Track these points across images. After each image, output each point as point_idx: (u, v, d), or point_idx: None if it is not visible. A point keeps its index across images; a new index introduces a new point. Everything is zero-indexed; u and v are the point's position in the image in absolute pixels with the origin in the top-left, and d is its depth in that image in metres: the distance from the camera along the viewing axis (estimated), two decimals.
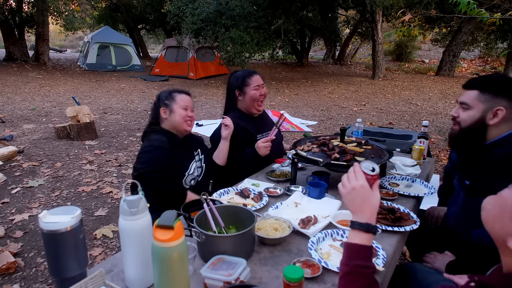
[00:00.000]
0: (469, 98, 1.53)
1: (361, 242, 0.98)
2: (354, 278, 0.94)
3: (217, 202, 1.54)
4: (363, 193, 1.05)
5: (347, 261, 0.98)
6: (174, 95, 2.00)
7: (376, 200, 1.06)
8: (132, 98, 8.88)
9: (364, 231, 1.00)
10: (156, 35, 22.63)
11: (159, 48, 21.60)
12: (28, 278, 2.33)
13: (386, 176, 2.03)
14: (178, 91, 2.04)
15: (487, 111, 1.48)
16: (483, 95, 1.49)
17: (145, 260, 1.05)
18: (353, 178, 1.08)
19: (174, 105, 1.97)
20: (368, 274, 0.95)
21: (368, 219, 1.01)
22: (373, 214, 1.03)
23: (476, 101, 1.51)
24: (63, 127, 5.35)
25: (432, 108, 8.24)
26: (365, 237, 0.99)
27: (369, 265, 0.97)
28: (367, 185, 1.06)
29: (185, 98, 2.01)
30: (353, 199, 1.06)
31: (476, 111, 1.50)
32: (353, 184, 1.07)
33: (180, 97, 2.00)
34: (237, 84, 2.31)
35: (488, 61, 18.35)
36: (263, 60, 17.61)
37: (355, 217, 1.03)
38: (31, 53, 15.04)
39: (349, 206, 1.07)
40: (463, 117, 1.55)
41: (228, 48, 10.45)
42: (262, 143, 2.13)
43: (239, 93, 2.31)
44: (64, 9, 14.36)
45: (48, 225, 0.96)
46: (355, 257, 0.97)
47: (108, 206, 3.33)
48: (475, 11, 2.71)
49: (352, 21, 18.20)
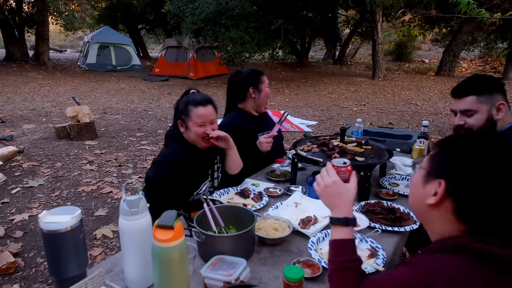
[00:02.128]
0: (470, 104, 1.61)
1: (344, 237, 1.01)
2: (343, 274, 0.95)
3: (217, 202, 1.54)
4: (336, 189, 1.08)
5: (334, 257, 0.99)
6: (190, 110, 1.74)
7: (351, 192, 1.08)
8: (132, 98, 8.88)
9: (343, 225, 1.02)
10: (156, 35, 22.63)
11: (159, 48, 21.59)
12: (28, 278, 2.33)
13: (386, 176, 2.03)
14: (195, 101, 1.75)
15: (491, 109, 1.58)
16: (481, 97, 1.59)
17: (145, 260, 1.05)
18: (325, 176, 1.11)
19: (189, 122, 1.74)
20: (355, 267, 0.96)
21: (345, 214, 1.04)
22: (349, 207, 1.06)
23: (478, 104, 1.59)
24: (63, 127, 5.35)
25: (432, 108, 8.24)
26: (346, 231, 1.02)
27: (355, 258, 0.99)
28: (339, 180, 1.08)
29: (202, 112, 1.73)
30: (328, 196, 1.09)
31: (482, 113, 1.59)
32: (325, 182, 1.09)
33: (195, 112, 1.73)
34: (252, 82, 2.27)
35: (488, 61, 18.34)
36: (263, 60, 17.60)
37: (333, 213, 1.06)
38: (31, 53, 15.05)
39: (325, 203, 1.11)
40: (471, 123, 1.62)
41: (228, 48, 10.45)
42: (264, 138, 2.13)
43: (253, 90, 2.27)
44: (64, 9, 14.40)
45: (48, 225, 0.96)
46: (341, 252, 0.99)
47: (108, 206, 3.33)
48: (475, 11, 2.71)
49: (352, 21, 18.20)
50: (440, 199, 0.83)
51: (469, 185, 0.80)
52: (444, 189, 0.82)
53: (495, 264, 0.75)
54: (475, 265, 0.75)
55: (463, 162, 0.81)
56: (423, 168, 0.90)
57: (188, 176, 1.74)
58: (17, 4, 14.20)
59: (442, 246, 0.83)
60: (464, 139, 0.85)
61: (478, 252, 0.76)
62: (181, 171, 1.69)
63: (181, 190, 1.74)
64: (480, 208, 0.79)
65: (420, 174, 0.91)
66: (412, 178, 0.95)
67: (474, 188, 0.79)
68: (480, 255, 0.76)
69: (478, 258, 0.76)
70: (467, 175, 0.80)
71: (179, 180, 1.69)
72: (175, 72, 12.52)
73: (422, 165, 0.91)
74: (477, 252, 0.76)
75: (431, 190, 0.85)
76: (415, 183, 0.92)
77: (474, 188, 0.79)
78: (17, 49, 14.15)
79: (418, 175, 0.92)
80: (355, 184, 1.10)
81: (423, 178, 0.89)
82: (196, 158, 1.80)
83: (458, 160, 0.82)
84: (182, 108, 1.77)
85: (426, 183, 0.88)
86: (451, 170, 0.83)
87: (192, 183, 1.80)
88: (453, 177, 0.82)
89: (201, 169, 1.86)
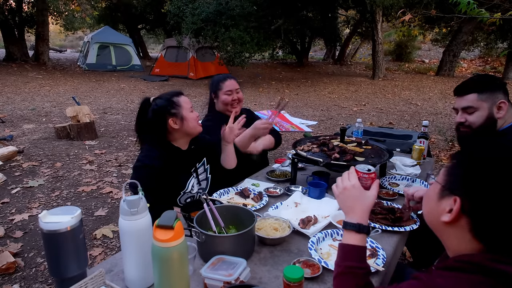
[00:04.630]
0: (471, 102, 1.63)
1: (353, 243, 0.98)
2: (346, 279, 0.94)
3: (217, 202, 1.54)
4: (354, 193, 1.06)
5: (339, 261, 0.98)
6: (177, 100, 1.75)
7: (369, 199, 1.06)
8: (132, 98, 8.88)
9: (355, 231, 1.00)
10: (156, 35, 22.64)
11: (159, 48, 21.60)
12: (28, 278, 2.33)
13: (386, 176, 2.03)
14: (174, 94, 1.78)
15: (492, 107, 1.60)
16: (483, 95, 1.61)
17: (145, 260, 1.05)
18: (346, 179, 1.09)
19: (183, 111, 1.73)
20: (360, 275, 0.94)
21: (359, 219, 1.01)
22: (364, 214, 1.03)
23: (479, 102, 1.61)
24: (63, 127, 5.35)
25: (432, 108, 8.24)
26: (358, 237, 0.99)
27: (361, 266, 0.96)
28: (359, 185, 1.07)
29: (186, 99, 1.79)
30: (345, 199, 1.07)
31: (483, 110, 1.61)
32: (345, 184, 1.08)
33: (183, 100, 1.76)
34: (212, 88, 2.39)
35: (488, 61, 18.35)
36: (263, 60, 17.61)
37: (347, 218, 1.04)
38: (31, 53, 15.04)
39: (341, 206, 1.08)
40: (472, 120, 1.64)
41: (228, 48, 10.45)
42: (262, 124, 2.03)
43: (214, 96, 2.39)
44: (64, 9, 14.40)
45: (48, 225, 0.96)
46: (347, 258, 0.97)
47: (108, 206, 3.33)
48: (475, 11, 2.71)
49: (352, 21, 18.19)
50: (455, 217, 0.79)
51: (485, 203, 0.76)
52: (459, 206, 0.78)
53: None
54: (491, 286, 0.71)
55: (479, 179, 0.77)
56: (439, 182, 0.85)
57: (168, 177, 1.71)
58: (17, 4, 14.19)
59: (457, 264, 0.79)
60: (479, 154, 0.81)
61: (495, 272, 0.72)
62: (160, 173, 1.66)
63: (166, 191, 1.72)
64: (497, 226, 0.75)
65: (435, 188, 0.87)
66: (428, 191, 0.92)
67: (490, 206, 0.75)
68: (498, 276, 0.72)
69: (495, 278, 0.72)
70: (482, 193, 0.76)
71: (159, 182, 1.67)
72: (175, 72, 12.52)
73: (438, 179, 0.87)
74: (494, 272, 0.72)
75: (446, 207, 0.81)
76: (430, 197, 0.88)
77: (490, 206, 0.75)
78: (17, 49, 14.14)
79: (433, 189, 0.88)
80: (375, 193, 1.07)
81: (438, 193, 0.85)
82: (174, 158, 1.77)
83: (474, 177, 0.78)
84: (167, 103, 1.73)
85: (441, 199, 0.83)
86: (466, 187, 0.78)
87: (174, 183, 1.76)
88: (468, 194, 0.78)
89: (181, 168, 1.80)
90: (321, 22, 15.33)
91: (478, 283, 0.72)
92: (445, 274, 0.78)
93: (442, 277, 0.77)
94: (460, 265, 0.77)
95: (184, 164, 1.82)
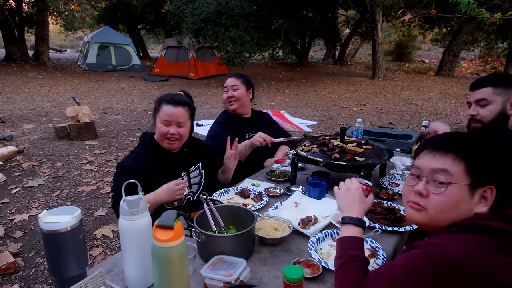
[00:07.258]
0: (485, 94, 1.62)
1: (353, 235, 1.05)
2: (349, 267, 0.96)
3: (217, 202, 1.54)
4: (356, 194, 1.17)
5: (341, 253, 1.01)
6: (161, 106, 1.70)
7: (367, 203, 1.19)
8: (132, 98, 8.88)
9: (355, 225, 1.08)
10: (156, 35, 22.64)
11: (159, 48, 21.58)
12: (28, 278, 2.33)
13: (386, 176, 2.03)
14: (169, 99, 1.71)
15: (506, 103, 1.58)
16: (498, 89, 1.60)
17: (145, 260, 1.05)
18: (349, 182, 1.23)
19: (157, 117, 1.70)
20: (362, 262, 0.97)
21: (358, 216, 1.11)
22: (362, 214, 1.14)
23: (494, 95, 1.60)
24: (63, 127, 5.35)
25: (432, 108, 8.24)
26: (356, 230, 1.07)
27: (362, 254, 1.00)
28: (361, 189, 1.20)
29: (171, 110, 1.67)
30: (346, 197, 1.18)
31: (496, 104, 1.60)
32: (348, 186, 1.21)
33: (165, 108, 1.68)
34: None
35: (488, 61, 18.35)
36: (263, 60, 17.60)
37: (345, 214, 1.13)
38: (31, 53, 15.04)
39: (341, 203, 1.18)
40: (484, 114, 1.62)
41: (228, 48, 10.45)
42: (260, 137, 2.09)
43: None
44: (64, 9, 14.40)
45: (48, 225, 0.96)
46: (349, 247, 1.01)
47: (108, 206, 3.32)
48: (475, 11, 2.71)
49: (352, 21, 18.19)
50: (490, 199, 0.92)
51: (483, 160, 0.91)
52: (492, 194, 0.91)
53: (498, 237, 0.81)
54: (482, 240, 0.80)
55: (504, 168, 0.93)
56: (462, 183, 0.91)
57: (153, 177, 1.65)
58: (17, 4, 14.19)
59: (449, 229, 0.89)
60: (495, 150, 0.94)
61: (480, 227, 0.83)
62: (142, 175, 1.53)
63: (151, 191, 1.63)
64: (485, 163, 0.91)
65: (460, 191, 0.91)
66: (448, 199, 0.92)
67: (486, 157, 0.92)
68: (483, 230, 0.82)
69: (483, 233, 0.82)
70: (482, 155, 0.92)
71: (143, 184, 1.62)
72: (175, 72, 12.52)
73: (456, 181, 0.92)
74: (480, 227, 0.83)
75: (477, 199, 0.92)
76: (458, 201, 0.91)
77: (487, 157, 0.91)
78: (17, 49, 14.14)
79: (456, 193, 0.91)
80: (372, 201, 1.23)
81: (467, 192, 0.91)
82: (162, 160, 1.73)
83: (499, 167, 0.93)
84: (157, 102, 1.74)
85: (473, 195, 0.92)
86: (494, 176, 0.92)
87: (161, 184, 1.64)
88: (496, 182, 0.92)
89: (170, 170, 1.75)
90: (321, 22, 15.32)
91: (469, 238, 0.83)
92: (441, 236, 0.87)
93: (439, 238, 0.86)
94: (453, 229, 0.88)
95: (173, 166, 1.78)
